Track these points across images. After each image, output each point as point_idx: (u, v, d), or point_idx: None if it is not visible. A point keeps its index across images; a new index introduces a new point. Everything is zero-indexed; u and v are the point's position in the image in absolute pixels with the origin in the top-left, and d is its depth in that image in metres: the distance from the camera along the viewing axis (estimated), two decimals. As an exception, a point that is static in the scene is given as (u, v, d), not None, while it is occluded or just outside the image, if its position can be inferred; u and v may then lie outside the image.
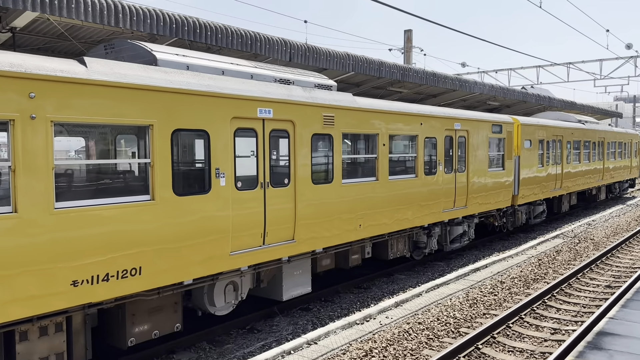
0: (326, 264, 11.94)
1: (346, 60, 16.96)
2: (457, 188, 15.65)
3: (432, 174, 14.48)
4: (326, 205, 10.89)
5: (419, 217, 14.08)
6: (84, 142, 8.25)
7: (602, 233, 21.22)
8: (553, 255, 16.94)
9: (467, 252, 18.00)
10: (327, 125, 10.80)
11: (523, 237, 21.07)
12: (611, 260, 16.54)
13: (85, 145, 8.27)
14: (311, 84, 11.12)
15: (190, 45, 13.59)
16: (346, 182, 11.47)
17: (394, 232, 13.71)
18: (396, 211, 13.12)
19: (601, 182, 29.47)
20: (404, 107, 13.24)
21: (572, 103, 35.68)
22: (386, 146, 12.59)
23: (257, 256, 9.46)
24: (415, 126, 13.61)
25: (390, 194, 12.84)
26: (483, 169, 16.84)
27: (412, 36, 28.68)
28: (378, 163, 12.40)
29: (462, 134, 15.78)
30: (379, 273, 14.51)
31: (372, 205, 12.26)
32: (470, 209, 16.39)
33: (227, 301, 9.57)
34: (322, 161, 11.00)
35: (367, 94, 23.14)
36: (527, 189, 19.90)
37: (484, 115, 16.99)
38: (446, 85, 22.37)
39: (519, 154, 19.26)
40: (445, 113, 14.86)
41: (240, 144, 9.31)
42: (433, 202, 14.53)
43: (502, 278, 14.02)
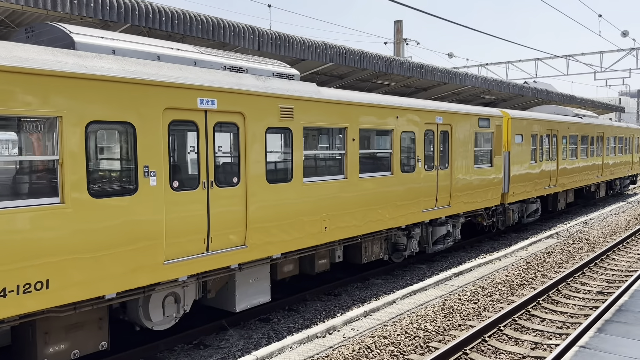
0: (288, 270, 10.92)
1: (323, 50, 15.92)
2: (439, 186, 14.60)
3: (411, 171, 13.43)
4: (285, 206, 9.86)
5: (396, 218, 13.04)
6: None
7: (599, 232, 20.14)
8: (544, 257, 15.88)
9: (452, 254, 16.96)
10: (285, 118, 9.77)
11: (515, 237, 20.01)
12: (606, 263, 15.47)
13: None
14: (269, 72, 10.08)
15: (149, 33, 12.57)
16: (309, 180, 10.44)
17: (368, 234, 12.68)
18: (369, 212, 12.09)
19: (600, 179, 28.35)
20: (376, 98, 12.19)
21: (571, 97, 34.55)
22: (356, 141, 11.55)
23: (200, 264, 8.44)
24: (390, 120, 12.55)
25: (362, 193, 11.81)
26: (468, 166, 15.78)
27: (402, 27, 27.57)
28: (346, 160, 11.36)
29: (444, 128, 14.72)
30: (354, 278, 13.49)
31: (340, 206, 11.22)
32: (454, 208, 15.34)
33: (167, 315, 8.56)
34: (279, 158, 9.98)
35: (354, 87, 22.12)
36: (519, 187, 18.82)
37: (469, 109, 15.92)
38: (435, 77, 21.30)
39: (509, 150, 18.18)
40: (424, 106, 13.80)
41: (177, 138, 8.29)
42: (412, 202, 13.48)
43: (485, 283, 12.98)
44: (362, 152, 11.87)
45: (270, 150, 9.60)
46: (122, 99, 7.21)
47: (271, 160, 9.67)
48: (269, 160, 9.59)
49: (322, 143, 11.88)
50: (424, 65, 20.72)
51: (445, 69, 21.81)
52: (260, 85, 9.35)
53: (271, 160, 9.67)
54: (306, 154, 10.42)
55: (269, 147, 9.56)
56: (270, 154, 9.63)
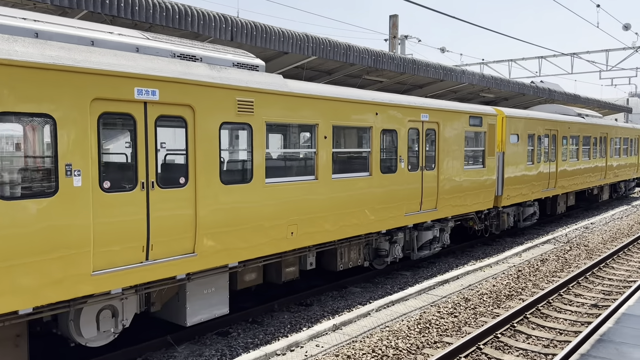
0: (251, 280, 10.01)
1: (305, 42, 15.00)
2: (425, 188, 13.64)
3: (392, 172, 12.49)
4: (243, 210, 8.95)
5: (375, 222, 12.11)
6: None
7: (599, 238, 19.12)
8: (537, 265, 14.90)
9: (441, 260, 16.00)
10: (244, 113, 8.85)
11: (509, 242, 19.02)
12: (604, 272, 14.48)
13: None
14: (227, 62, 9.17)
15: (113, 21, 11.70)
16: (272, 181, 9.52)
17: (343, 240, 11.76)
18: (344, 215, 11.17)
19: (603, 181, 27.28)
20: (352, 93, 11.25)
21: (575, 96, 33.48)
22: (329, 139, 10.63)
23: (138, 275, 7.55)
24: (368, 116, 11.62)
25: (335, 195, 10.88)
26: (458, 167, 14.82)
27: (398, 22, 26.58)
28: (317, 159, 10.44)
29: (431, 126, 13.76)
30: (330, 285, 12.56)
31: (310, 209, 10.31)
32: (441, 211, 14.38)
33: (102, 330, 7.67)
34: (236, 156, 9.08)
35: (344, 83, 21.20)
36: (514, 189, 17.83)
37: (459, 106, 14.96)
38: (428, 74, 20.33)
39: (504, 150, 17.19)
40: (408, 102, 12.84)
41: (111, 133, 7.40)
42: (393, 205, 12.54)
43: (470, 294, 12.02)
44: (336, 151, 10.96)
45: (225, 148, 8.71)
46: (39, 88, 6.32)
47: (227, 159, 8.77)
48: (225, 159, 8.69)
49: (292, 141, 10.96)
50: (417, 60, 19.76)
51: (440, 65, 20.83)
52: (214, 76, 8.43)
53: (227, 159, 8.77)
54: (269, 153, 9.51)
55: (224, 145, 8.66)
56: (226, 152, 8.73)
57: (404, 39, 43.08)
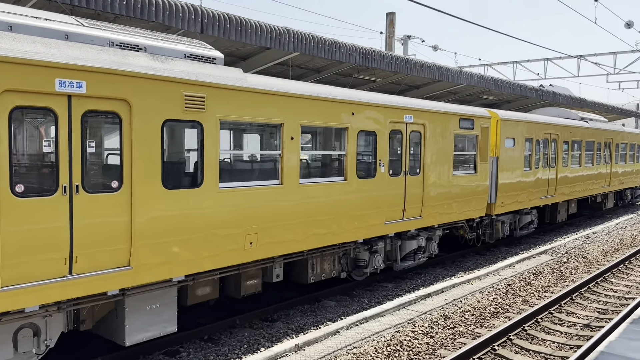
0: (205, 294, 9.12)
1: (285, 37, 14.12)
2: (408, 194, 12.70)
3: (370, 176, 11.57)
4: (191, 217, 8.07)
5: (350, 231, 11.19)
6: None
7: (599, 249, 18.09)
8: (529, 278, 13.92)
9: (427, 271, 15.05)
10: (193, 109, 7.97)
11: (504, 251, 18.03)
12: (601, 287, 13.49)
13: None
14: (178, 53, 8.30)
15: (73, 11, 10.87)
16: (228, 186, 8.63)
17: (315, 250, 10.85)
18: (314, 224, 10.26)
19: (608, 189, 26.20)
20: (324, 90, 10.35)
21: (581, 100, 32.39)
22: (296, 140, 9.73)
23: (59, 291, 6.68)
24: (343, 116, 10.71)
25: (304, 201, 9.98)
26: (446, 172, 13.87)
27: (395, 20, 25.62)
28: (283, 162, 9.54)
29: (416, 128, 12.83)
30: (301, 298, 11.65)
31: (274, 217, 9.41)
32: (426, 219, 13.43)
33: (21, 351, 6.81)
34: (183, 158, 8.20)
35: (335, 82, 20.30)
36: (508, 196, 16.85)
37: (448, 107, 14.01)
38: (422, 73, 19.40)
39: (498, 155, 16.22)
40: (390, 102, 11.92)
41: (26, 130, 6.53)
42: (371, 212, 11.62)
43: (452, 310, 11.08)
44: (305, 154, 10.06)
45: (169, 148, 7.83)
46: None
47: (171, 161, 7.89)
48: (168, 161, 7.81)
49: (253, 141, 10.07)
50: (410, 59, 18.83)
51: (435, 65, 19.88)
52: (157, 67, 7.55)
53: (171, 160, 7.89)
54: (224, 154, 8.62)
55: (168, 145, 7.78)
56: (170, 152, 7.85)
57: (406, 39, 42.15)
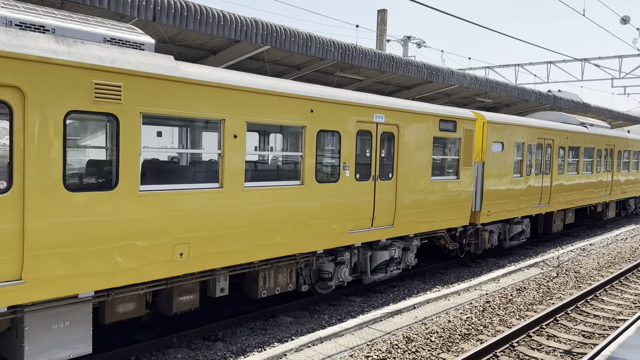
0: (127, 311, 8.07)
1: (251, 28, 13.09)
2: (378, 201, 11.62)
3: (332, 181, 10.50)
4: (103, 224, 7.03)
5: (308, 241, 10.12)
6: None
7: (594, 263, 16.90)
8: (512, 294, 12.78)
9: (405, 283, 13.94)
10: (106, 100, 6.94)
11: (492, 263, 16.87)
12: (591, 306, 12.33)
13: None
14: (96, 36, 7.27)
15: (42, 2, 9.92)
16: (151, 189, 7.59)
17: (267, 261, 9.79)
18: (262, 233, 9.20)
19: (609, 198, 24.96)
20: (277, 84, 9.29)
21: (584, 104, 31.18)
22: (241, 139, 8.67)
23: None
24: (300, 113, 9.65)
25: (250, 208, 8.92)
26: (423, 178, 12.77)
27: (387, 17, 24.53)
28: (223, 162, 8.49)
29: (388, 129, 11.74)
30: (255, 314, 10.58)
31: (211, 225, 8.35)
32: (400, 228, 12.33)
33: None
34: (94, 155, 7.17)
35: (319, 81, 19.26)
36: (496, 204, 15.71)
37: (426, 107, 12.91)
38: (409, 72, 18.31)
39: (484, 160, 15.09)
40: (357, 99, 10.85)
41: None
42: (333, 220, 10.55)
43: (418, 330, 9.97)
44: (252, 154, 9.00)
45: (75, 145, 6.80)
46: None
47: (77, 158, 6.86)
48: (73, 158, 6.78)
49: (188, 139, 9.02)
50: (395, 57, 17.74)
51: (423, 64, 18.78)
52: (60, 51, 6.53)
53: (77, 157, 6.86)
54: (149, 153, 7.59)
55: (73, 140, 6.75)
56: (76, 149, 6.82)
57: (406, 41, 41.07)
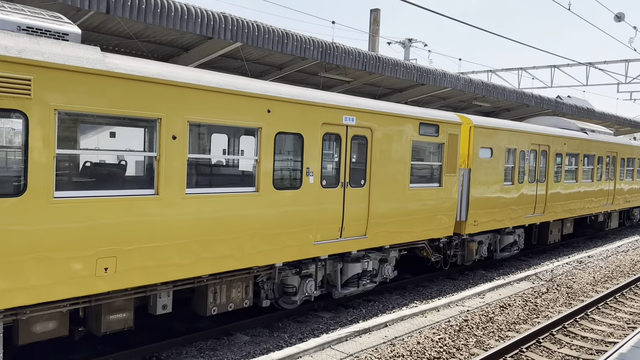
0: (46, 330, 7.24)
1: (219, 23, 12.32)
2: (348, 210, 10.76)
3: (293, 187, 9.65)
4: (7, 235, 6.23)
5: (264, 253, 9.27)
6: None
7: (590, 277, 15.91)
8: (494, 312, 11.85)
9: (382, 297, 13.05)
10: (12, 95, 6.14)
11: (480, 276, 15.94)
12: (579, 326, 11.39)
13: None
14: (9, 24, 6.49)
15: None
16: (68, 195, 6.78)
17: (217, 275, 8.95)
18: (209, 244, 8.36)
19: (611, 207, 23.91)
20: (224, 80, 8.45)
21: (588, 110, 30.17)
22: (181, 140, 7.85)
23: None
24: (254, 113, 8.81)
25: (193, 217, 8.09)
26: (400, 185, 11.89)
27: (380, 17, 23.64)
28: (160, 166, 7.67)
29: (359, 132, 10.88)
30: (209, 332, 9.74)
31: (143, 236, 7.53)
32: (372, 239, 11.46)
33: None
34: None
35: (302, 82, 18.47)
36: (484, 214, 14.79)
37: (404, 109, 12.04)
38: (397, 74, 17.48)
39: (470, 166, 14.18)
40: (322, 99, 10.00)
41: None
42: (295, 230, 9.70)
43: (384, 353, 9.08)
44: (194, 157, 8.18)
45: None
46: None
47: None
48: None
49: (117, 140, 8.20)
50: (382, 57, 16.90)
51: (413, 65, 17.92)
52: (-47, 38, 5.74)
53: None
54: (65, 155, 6.79)
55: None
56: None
57: (407, 43, 40.23)
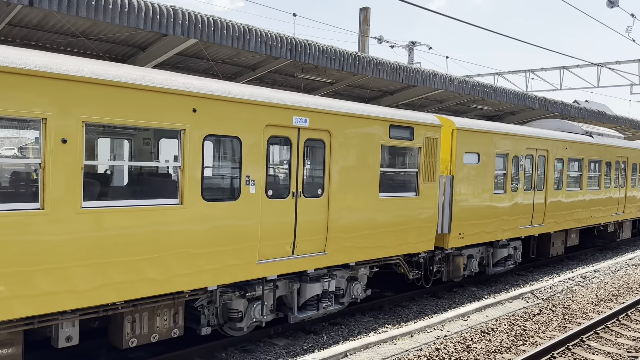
0: None
1: (169, 18, 11.18)
2: (302, 223, 9.45)
3: (230, 199, 8.38)
4: None
5: (193, 274, 8.00)
6: None
7: (592, 295, 14.37)
8: (474, 338, 10.42)
9: (352, 320, 11.69)
10: None
11: (470, 293, 14.48)
12: (570, 356, 9.93)
13: None
14: None
15: None
16: None
17: (137, 301, 7.70)
18: (115, 266, 7.12)
19: (621, 216, 22.26)
20: (133, 74, 7.22)
21: (599, 113, 28.54)
22: (74, 144, 6.63)
23: None
24: (175, 113, 7.57)
25: (91, 235, 6.86)
26: (367, 194, 10.56)
27: (370, 16, 22.32)
28: (45, 175, 6.45)
29: (315, 135, 9.59)
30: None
31: (23, 259, 6.32)
32: (333, 256, 10.13)
33: None
34: None
35: (283, 83, 17.27)
36: (470, 225, 13.36)
37: (370, 109, 10.72)
38: (381, 74, 16.23)
39: (453, 174, 12.78)
40: (265, 97, 8.72)
41: None
42: (232, 247, 8.42)
43: (328, 394, 7.75)
44: (91, 164, 6.96)
45: None
46: None
47: None
48: None
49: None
50: (362, 55, 15.63)
51: (399, 65, 16.60)
52: None
53: None
54: None
55: None
56: None
57: (411, 46, 38.92)
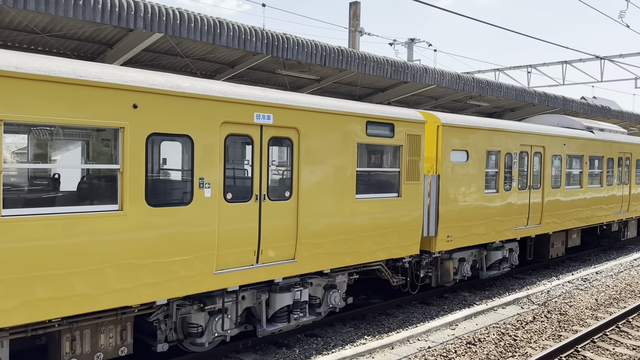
0: None
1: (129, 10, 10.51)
2: (267, 228, 8.69)
3: (180, 203, 7.64)
4: None
5: (135, 288, 7.26)
6: None
7: (592, 299, 13.52)
8: (457, 350, 9.62)
9: (331, 330, 10.92)
10: None
11: (462, 299, 13.65)
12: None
13: None
14: None
15: None
16: None
17: (72, 318, 6.97)
18: (45, 281, 6.40)
19: (626, 215, 21.35)
20: (62, 67, 6.49)
21: (603, 108, 27.64)
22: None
23: None
24: (111, 109, 6.84)
25: (8, 246, 6.15)
26: (342, 196, 9.79)
27: (360, 11, 21.55)
28: (-46, 181, 5.74)
29: (280, 133, 8.83)
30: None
31: None
32: (304, 263, 9.37)
33: None
34: None
35: (269, 82, 16.58)
36: (460, 227, 12.55)
37: (344, 105, 9.94)
38: (366, 69, 15.48)
39: (439, 173, 11.98)
40: (221, 92, 7.97)
41: None
42: (183, 257, 7.67)
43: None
44: (9, 167, 6.25)
45: None
46: None
47: None
48: None
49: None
50: (346, 50, 14.88)
51: (386, 59, 15.83)
52: None
53: None
54: None
55: None
56: None
57: (410, 43, 38.10)
